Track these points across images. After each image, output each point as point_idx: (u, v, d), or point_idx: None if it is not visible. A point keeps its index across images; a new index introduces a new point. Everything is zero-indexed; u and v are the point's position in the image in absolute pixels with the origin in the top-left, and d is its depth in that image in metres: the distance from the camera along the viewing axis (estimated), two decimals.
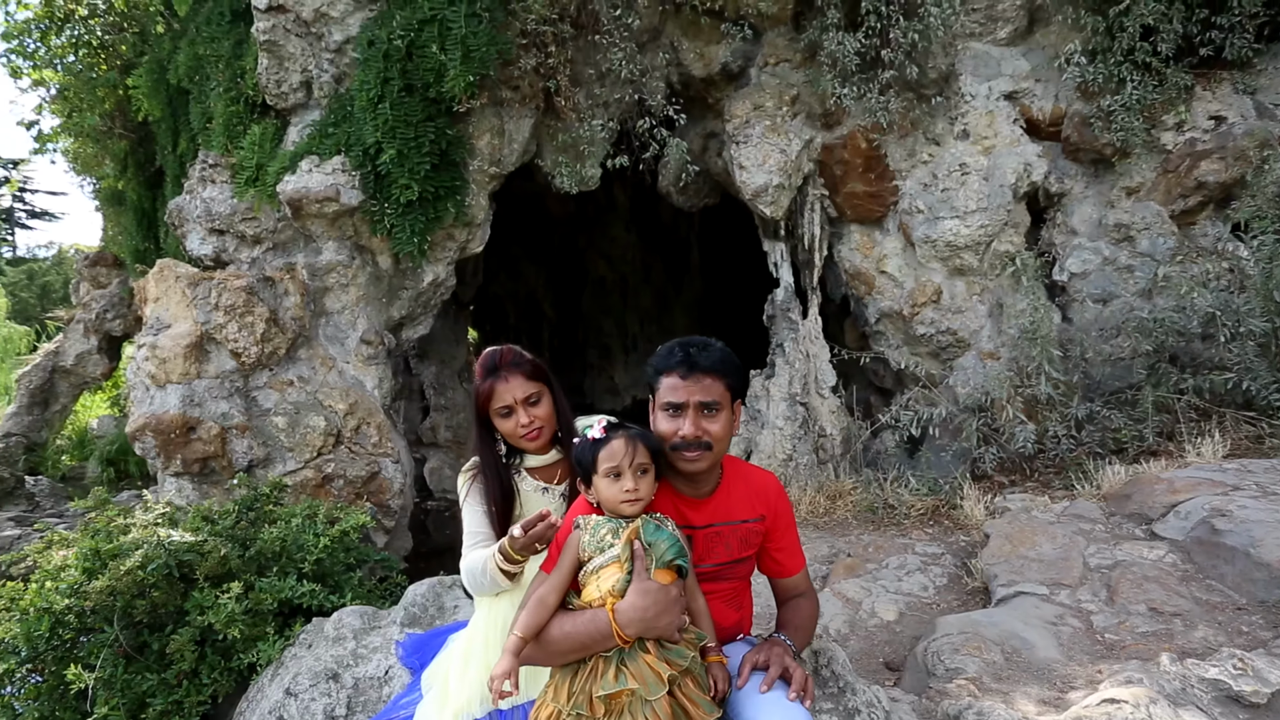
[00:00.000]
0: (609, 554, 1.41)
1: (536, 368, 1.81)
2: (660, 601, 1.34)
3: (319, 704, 2.06)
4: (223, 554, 2.40)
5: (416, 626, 2.30)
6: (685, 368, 1.51)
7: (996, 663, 2.42)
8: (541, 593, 1.42)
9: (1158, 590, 2.74)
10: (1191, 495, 3.22)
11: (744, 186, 5.00)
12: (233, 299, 3.90)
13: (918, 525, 4.20)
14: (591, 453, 1.48)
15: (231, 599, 2.25)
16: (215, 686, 2.34)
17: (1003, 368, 4.73)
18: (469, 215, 4.70)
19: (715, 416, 1.52)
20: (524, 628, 1.38)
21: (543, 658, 1.39)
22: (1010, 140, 4.85)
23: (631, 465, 1.44)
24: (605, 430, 1.49)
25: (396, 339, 4.94)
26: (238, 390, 4.05)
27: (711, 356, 1.53)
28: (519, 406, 1.75)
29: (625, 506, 1.44)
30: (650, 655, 1.34)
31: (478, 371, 1.81)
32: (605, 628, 1.33)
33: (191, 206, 4.39)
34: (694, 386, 1.50)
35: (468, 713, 1.64)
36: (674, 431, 1.51)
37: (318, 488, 4.11)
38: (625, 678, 1.31)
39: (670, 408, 1.52)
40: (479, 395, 1.78)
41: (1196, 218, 4.74)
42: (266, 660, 2.32)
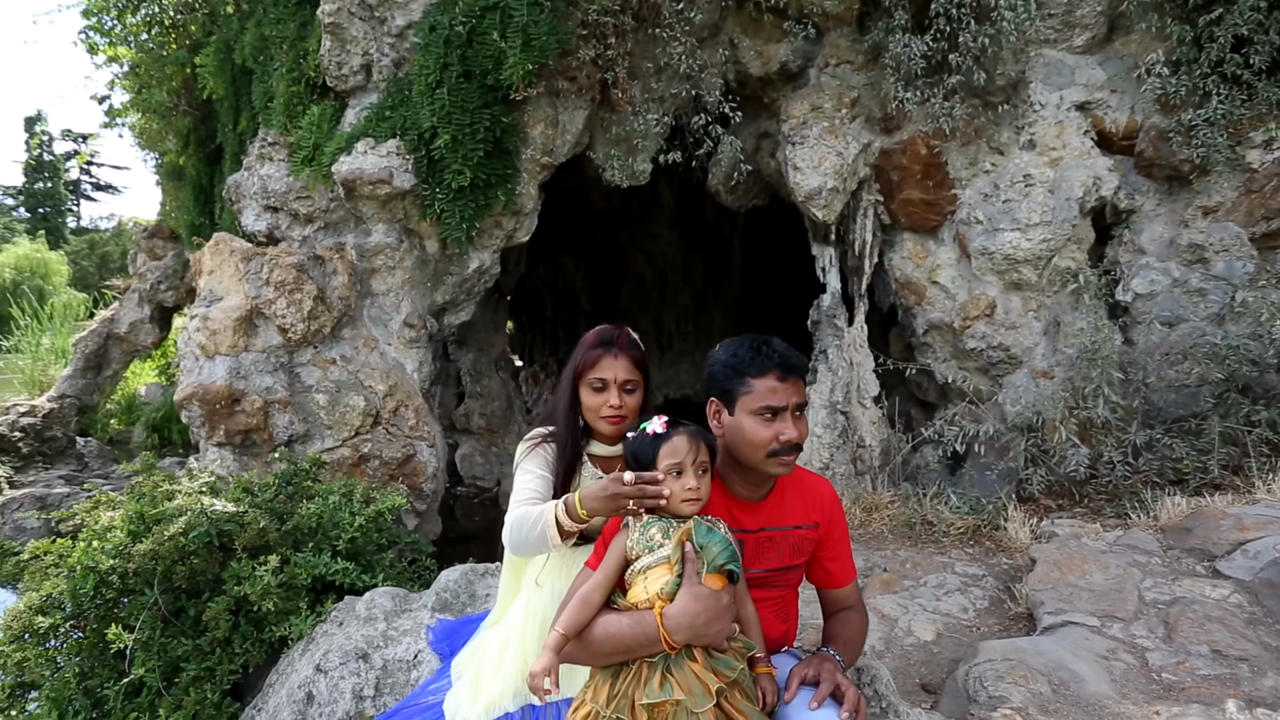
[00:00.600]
0: (658, 554, 1.35)
1: (644, 359, 1.78)
2: (711, 608, 1.28)
3: (348, 683, 2.06)
4: (261, 526, 2.42)
5: (447, 612, 2.29)
6: (783, 370, 1.47)
7: (1044, 694, 2.30)
8: (586, 590, 1.37)
9: (1221, 631, 2.58)
10: (1262, 534, 3.04)
11: (797, 188, 4.90)
12: (283, 275, 3.96)
13: (957, 544, 4.06)
14: (652, 448, 1.42)
15: (268, 571, 2.26)
16: (247, 656, 2.36)
17: (1056, 387, 4.55)
18: (518, 204, 4.70)
19: (803, 418, 1.50)
20: (566, 625, 1.33)
21: (584, 657, 1.35)
22: (1080, 153, 4.66)
23: (695, 463, 1.39)
24: (667, 425, 1.44)
25: (439, 324, 4.96)
26: (282, 365, 4.11)
27: (799, 358, 1.51)
28: (615, 387, 1.71)
29: (685, 506, 1.38)
30: (698, 664, 1.28)
31: (588, 339, 1.77)
32: (652, 632, 1.27)
33: (249, 183, 4.47)
34: (791, 389, 1.47)
35: (500, 706, 1.60)
36: (774, 436, 1.45)
37: (354, 467, 4.15)
38: (671, 687, 1.25)
39: (769, 411, 1.46)
40: (581, 362, 1.74)
41: (1278, 242, 4.48)
42: (298, 635, 2.33)
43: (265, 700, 2.20)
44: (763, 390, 1.46)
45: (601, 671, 1.36)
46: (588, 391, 1.73)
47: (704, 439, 1.42)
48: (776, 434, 1.44)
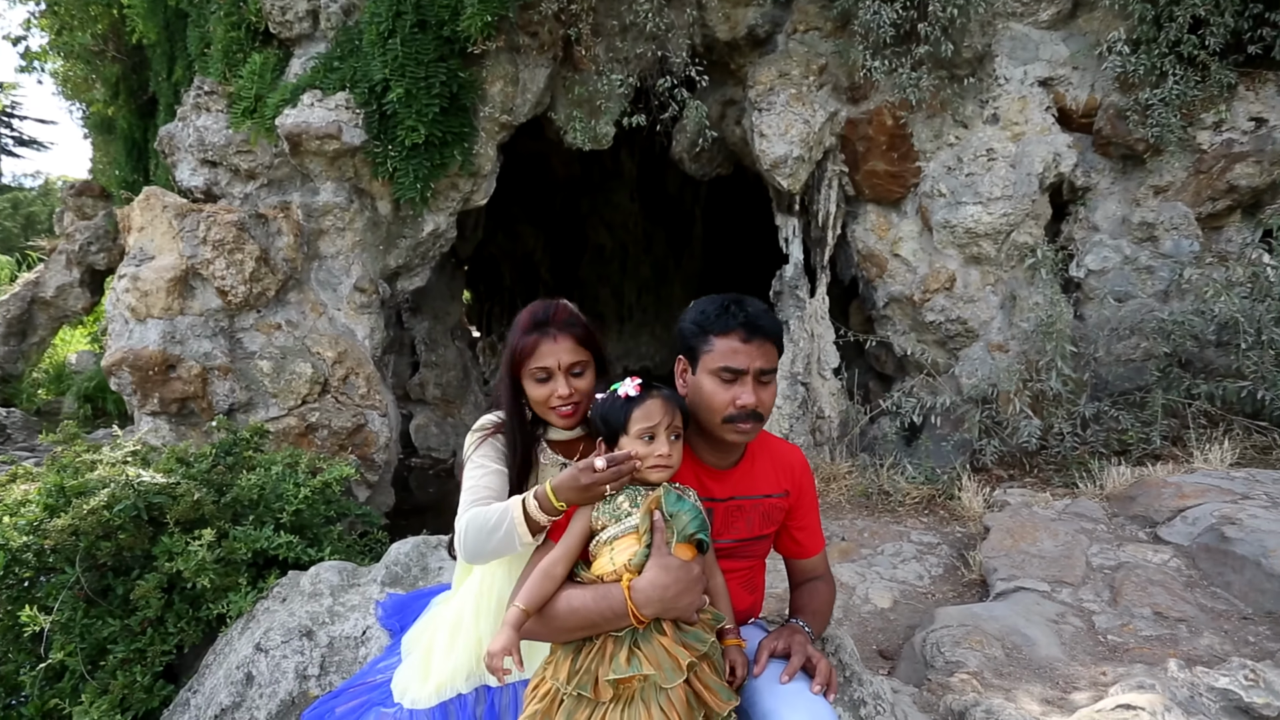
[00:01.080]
0: (626, 524, 1.28)
1: (589, 334, 1.58)
2: (682, 580, 1.22)
3: (291, 662, 1.95)
4: (196, 499, 2.26)
5: (398, 586, 2.19)
6: (748, 330, 1.37)
7: (998, 658, 2.34)
8: (548, 562, 1.29)
9: (1162, 594, 2.67)
10: (1200, 501, 3.15)
11: (763, 156, 4.82)
12: (222, 234, 3.71)
13: (913, 514, 4.13)
14: (624, 412, 1.33)
15: (203, 546, 2.12)
16: (182, 636, 2.23)
17: (1011, 361, 4.63)
18: (475, 164, 4.50)
19: (769, 385, 1.40)
20: (527, 600, 1.25)
21: (545, 633, 1.27)
22: (1041, 128, 4.69)
23: (668, 428, 1.31)
24: (640, 388, 1.35)
25: (391, 289, 4.77)
26: (222, 330, 3.88)
27: (770, 319, 1.41)
28: (561, 374, 1.53)
29: (655, 473, 1.31)
30: (667, 638, 1.22)
31: (521, 322, 1.58)
32: (619, 606, 1.20)
33: (184, 134, 4.17)
34: (756, 352, 1.37)
35: (452, 687, 1.52)
36: (730, 400, 1.37)
37: (300, 436, 3.98)
38: (639, 662, 1.19)
39: (728, 373, 1.38)
40: (517, 351, 1.55)
41: (1223, 222, 4.62)
42: (237, 612, 2.20)
43: (201, 682, 2.07)
44: (724, 350, 1.38)
45: (563, 647, 1.29)
46: (531, 383, 1.55)
47: (678, 403, 1.35)
48: (734, 398, 1.37)
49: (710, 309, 1.42)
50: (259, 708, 1.91)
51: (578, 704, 1.21)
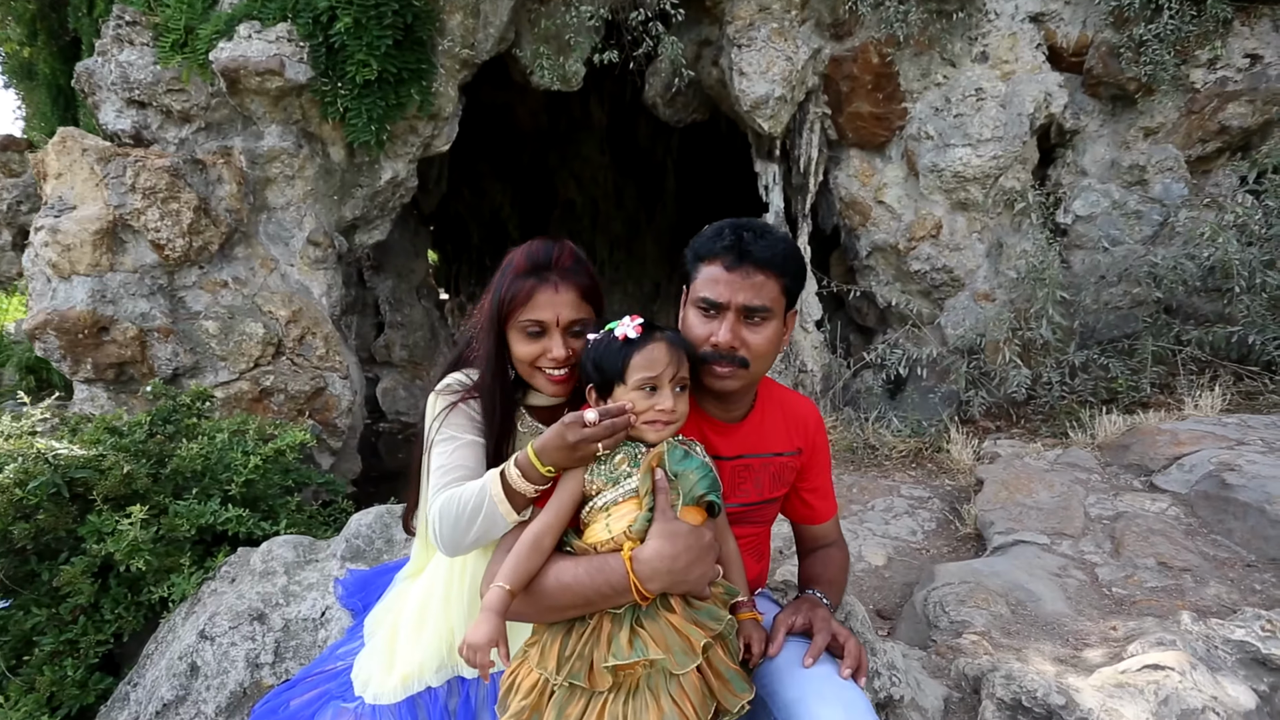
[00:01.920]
0: (624, 486, 1.09)
1: (595, 288, 1.32)
2: (692, 547, 1.03)
3: (240, 649, 1.74)
4: (126, 472, 2.01)
5: (360, 561, 1.98)
6: (733, 256, 1.16)
7: (1004, 616, 2.24)
8: (534, 532, 1.09)
9: (1164, 544, 2.59)
10: (1196, 448, 3.07)
11: (742, 96, 4.54)
12: (153, 180, 3.35)
13: (900, 468, 4.03)
14: (622, 357, 1.12)
15: (134, 524, 1.88)
16: (120, 624, 2.00)
17: (997, 310, 4.52)
18: (435, 106, 4.15)
19: (761, 325, 1.19)
20: (511, 577, 1.05)
21: (531, 613, 1.08)
22: (1032, 67, 4.49)
23: (673, 379, 1.11)
24: (641, 329, 1.14)
25: (349, 243, 4.44)
26: (160, 288, 3.54)
27: (770, 246, 1.17)
28: (557, 331, 1.27)
29: (654, 430, 1.11)
30: (676, 615, 1.04)
31: (516, 263, 1.30)
32: (619, 580, 1.01)
33: (105, 71, 3.74)
34: (741, 283, 1.16)
35: (420, 679, 1.32)
36: (706, 336, 1.17)
37: (255, 402, 3.70)
38: (644, 644, 1.00)
39: (706, 306, 1.18)
40: (507, 297, 1.28)
41: (1212, 165, 4.51)
42: (180, 595, 1.98)
43: (142, 674, 1.86)
44: (705, 279, 1.19)
45: (549, 629, 1.10)
46: (519, 337, 1.29)
47: (685, 349, 1.15)
48: (708, 334, 1.18)
49: (709, 230, 1.22)
50: (206, 701, 1.71)
51: (571, 695, 1.03)
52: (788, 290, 1.21)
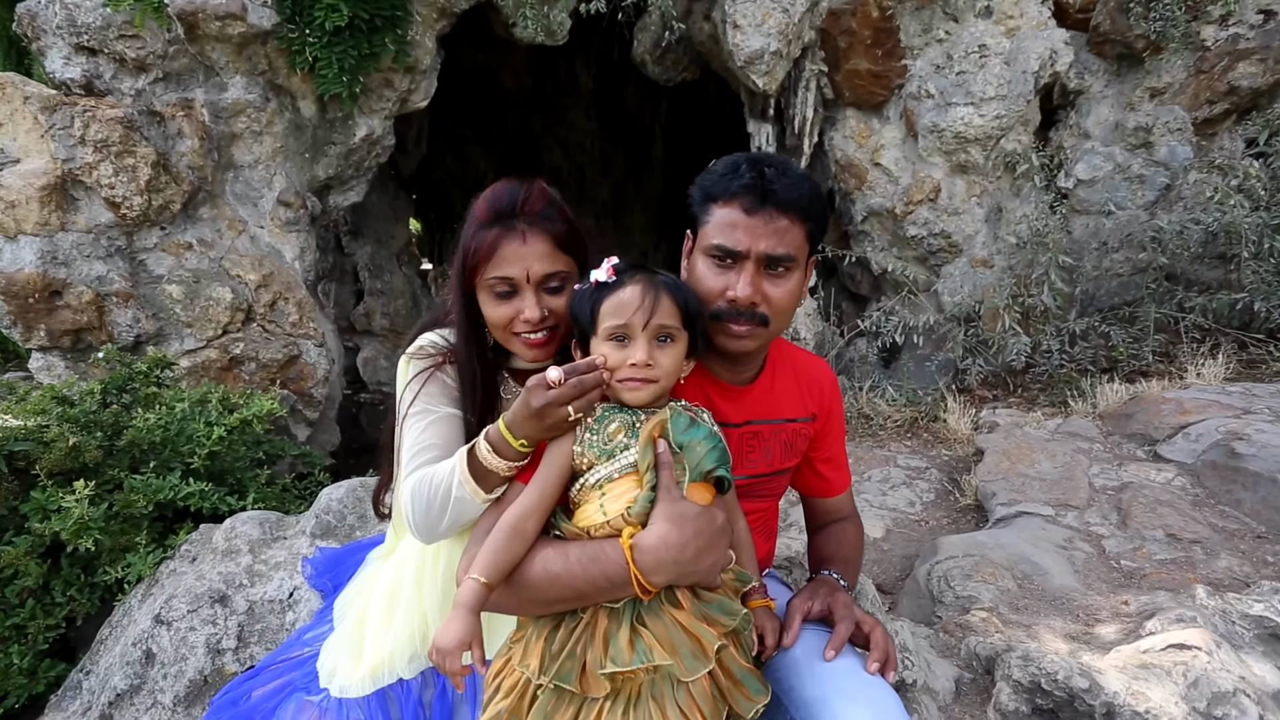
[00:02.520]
0: (620, 460, 0.94)
1: (572, 232, 1.15)
2: (703, 532, 0.89)
3: (200, 634, 1.60)
4: (72, 444, 1.85)
5: (331, 539, 1.84)
6: (754, 197, 0.99)
7: (1010, 590, 2.15)
8: (515, 514, 0.94)
9: (1172, 515, 2.52)
10: (1202, 417, 2.99)
11: (736, 50, 4.33)
12: (105, 133, 3.11)
13: (895, 437, 3.94)
14: (592, 303, 0.97)
15: (80, 501, 1.72)
16: (72, 607, 1.86)
17: (995, 277, 4.40)
18: (412, 57, 3.91)
19: (784, 277, 1.03)
20: (488, 568, 0.91)
21: (513, 605, 0.95)
22: (1037, 23, 4.30)
23: (647, 327, 0.94)
24: (614, 271, 0.98)
25: (322, 204, 4.21)
26: (119, 250, 3.32)
27: (794, 185, 1.00)
28: (529, 289, 1.10)
29: (628, 390, 0.95)
30: (684, 611, 0.90)
31: (478, 212, 1.14)
32: (617, 571, 0.87)
33: (49, 13, 3.45)
34: (763, 228, 0.99)
35: (391, 671, 1.19)
36: (721, 290, 1.01)
37: (224, 371, 3.51)
38: (647, 648, 0.86)
39: (721, 254, 1.01)
40: (470, 252, 1.11)
41: (1217, 128, 4.38)
42: (136, 576, 1.83)
43: (95, 660, 1.72)
44: (720, 223, 1.02)
45: (534, 621, 0.96)
46: (488, 299, 1.13)
47: (674, 294, 0.97)
48: (725, 287, 1.02)
49: (721, 166, 1.05)
50: (163, 690, 1.57)
51: (558, 700, 0.89)
52: (812, 236, 1.05)
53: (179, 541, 1.92)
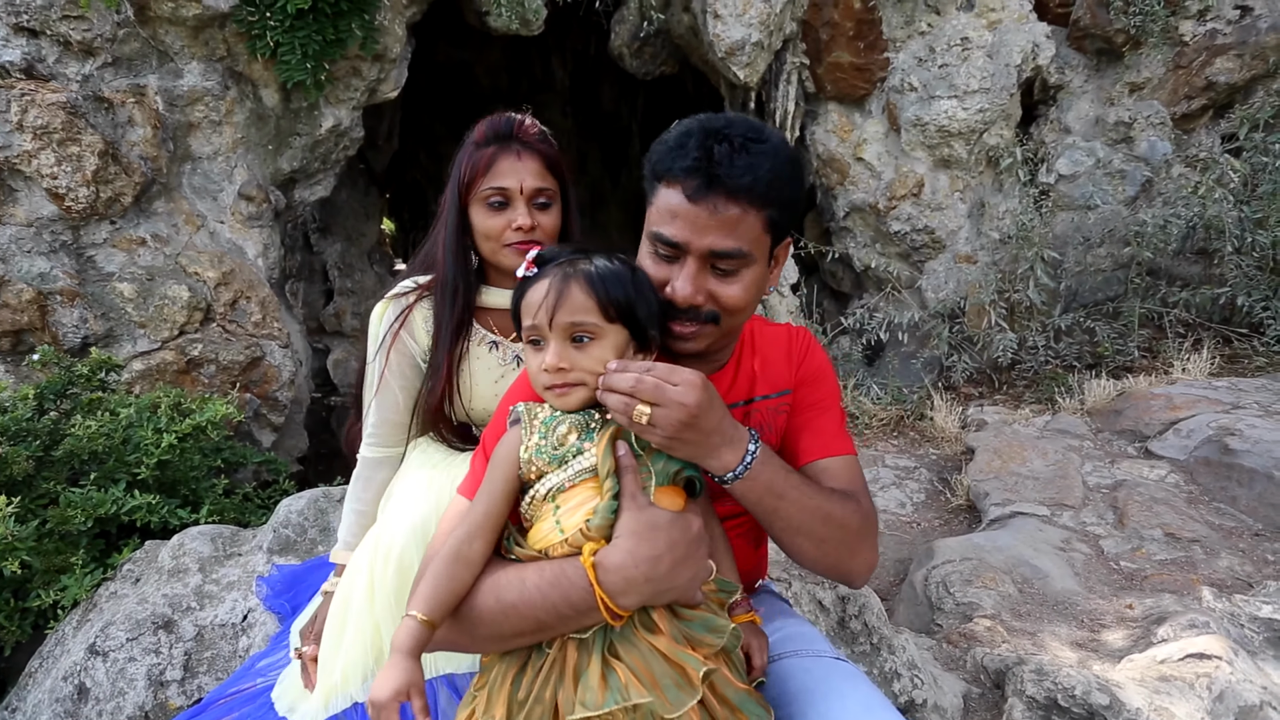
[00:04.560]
0: (575, 466, 0.82)
1: (560, 161, 1.31)
2: (678, 543, 0.77)
3: (140, 665, 1.45)
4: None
5: (290, 555, 1.69)
6: (700, 181, 0.84)
7: (1012, 596, 2.07)
8: (458, 539, 0.81)
9: (1169, 514, 2.46)
10: (1192, 413, 2.96)
11: (716, 41, 4.23)
12: (45, 118, 2.90)
13: (882, 436, 3.87)
14: (514, 303, 0.89)
15: (5, 519, 1.55)
16: (0, 635, 1.68)
17: (979, 273, 4.36)
18: (380, 44, 3.74)
19: (735, 274, 0.88)
20: (429, 603, 0.78)
21: (465, 643, 0.82)
22: (1018, 16, 4.27)
23: (552, 325, 0.83)
24: (532, 264, 0.88)
25: (287, 199, 4.02)
26: (63, 245, 3.11)
27: (751, 167, 0.84)
28: (521, 200, 1.23)
29: (553, 395, 0.85)
30: (662, 636, 0.77)
31: (475, 134, 1.27)
32: (582, 596, 0.75)
33: None
34: (707, 219, 0.84)
35: (346, 695, 1.06)
36: (662, 283, 0.88)
37: (181, 374, 3.31)
38: (622, 683, 0.73)
39: (661, 244, 0.88)
40: (467, 169, 1.24)
41: (1195, 123, 4.38)
42: (71, 601, 1.66)
43: (23, 696, 1.55)
44: (661, 208, 0.88)
45: (499, 661, 0.83)
46: (482, 211, 1.25)
47: (587, 283, 0.84)
48: (665, 279, 0.89)
49: (673, 135, 0.90)
50: None
51: None
52: (773, 223, 0.89)
53: (121, 560, 1.76)
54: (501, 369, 1.27)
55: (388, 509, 1.21)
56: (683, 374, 0.80)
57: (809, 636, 1.04)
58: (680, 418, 0.78)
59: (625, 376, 0.79)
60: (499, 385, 1.26)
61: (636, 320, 0.86)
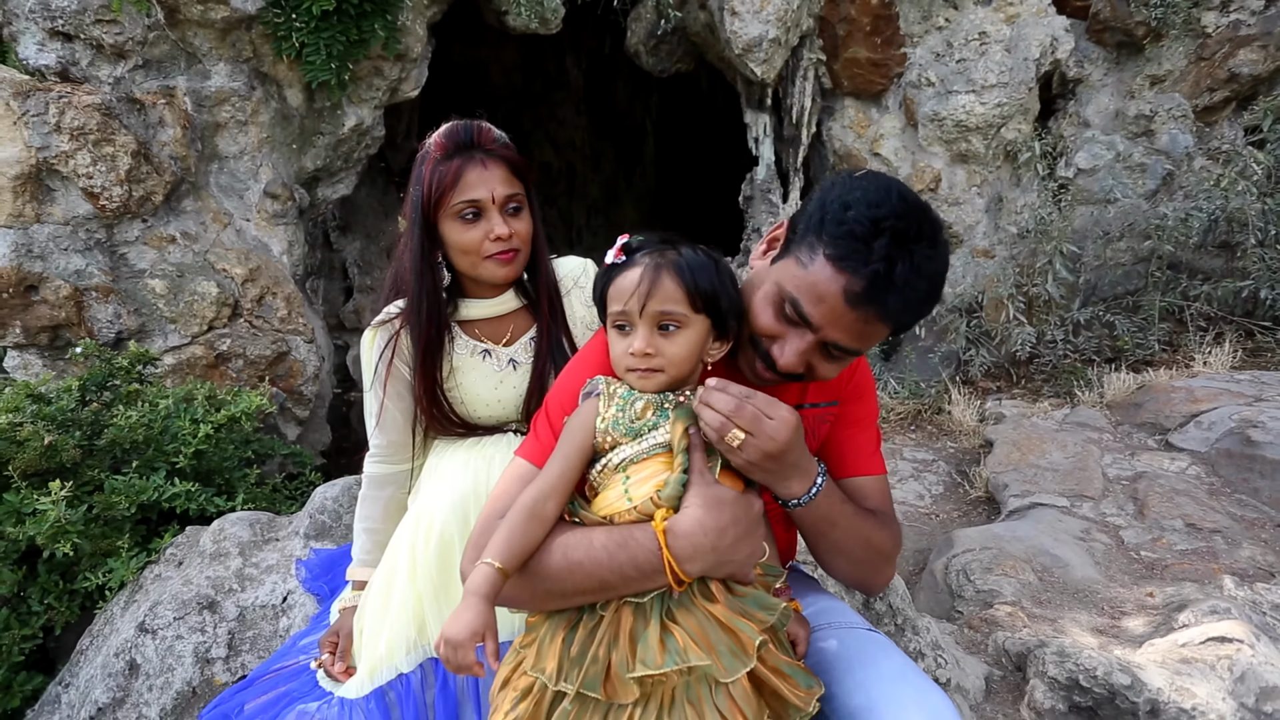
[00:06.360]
0: (649, 440, 0.86)
1: (525, 165, 1.25)
2: (740, 519, 0.82)
3: (188, 643, 1.50)
4: (48, 443, 1.74)
5: (326, 540, 1.74)
6: (867, 293, 0.84)
7: (1032, 584, 2.08)
8: (532, 497, 0.85)
9: (1190, 504, 2.46)
10: (1214, 405, 2.95)
11: (734, 38, 4.25)
12: (82, 120, 2.98)
13: (900, 430, 3.88)
14: (601, 288, 0.92)
15: (56, 503, 1.62)
16: (50, 615, 1.75)
17: (997, 267, 4.35)
18: (402, 45, 3.80)
19: (839, 360, 0.93)
20: (503, 552, 0.82)
21: (526, 598, 0.86)
22: (1037, 10, 4.26)
23: (643, 312, 0.86)
24: (622, 252, 0.91)
25: (311, 197, 4.09)
26: (98, 243, 3.19)
27: (914, 293, 0.84)
28: (495, 210, 1.21)
29: (636, 378, 0.89)
30: (719, 605, 0.82)
31: (436, 146, 1.23)
32: (648, 559, 0.80)
33: None
34: (850, 325, 0.87)
35: (391, 666, 1.11)
36: (771, 335, 0.93)
37: (210, 368, 3.39)
38: (680, 647, 0.77)
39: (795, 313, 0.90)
40: (432, 185, 1.20)
41: (1217, 116, 4.35)
42: (118, 582, 1.73)
43: (75, 672, 1.62)
44: (812, 281, 0.87)
45: (548, 620, 0.87)
46: (454, 225, 1.22)
47: (676, 273, 0.87)
48: (776, 337, 0.95)
49: (863, 219, 0.83)
50: (148, 703, 1.47)
51: (581, 708, 0.80)
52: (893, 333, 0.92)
53: (164, 545, 1.82)
54: (499, 374, 1.31)
55: (429, 486, 1.26)
56: (780, 410, 0.84)
57: (841, 610, 1.08)
58: (769, 450, 0.82)
59: (727, 400, 0.82)
60: (499, 390, 1.30)
61: (720, 312, 0.90)
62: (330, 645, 1.27)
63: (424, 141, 1.27)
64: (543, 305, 1.32)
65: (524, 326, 1.35)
